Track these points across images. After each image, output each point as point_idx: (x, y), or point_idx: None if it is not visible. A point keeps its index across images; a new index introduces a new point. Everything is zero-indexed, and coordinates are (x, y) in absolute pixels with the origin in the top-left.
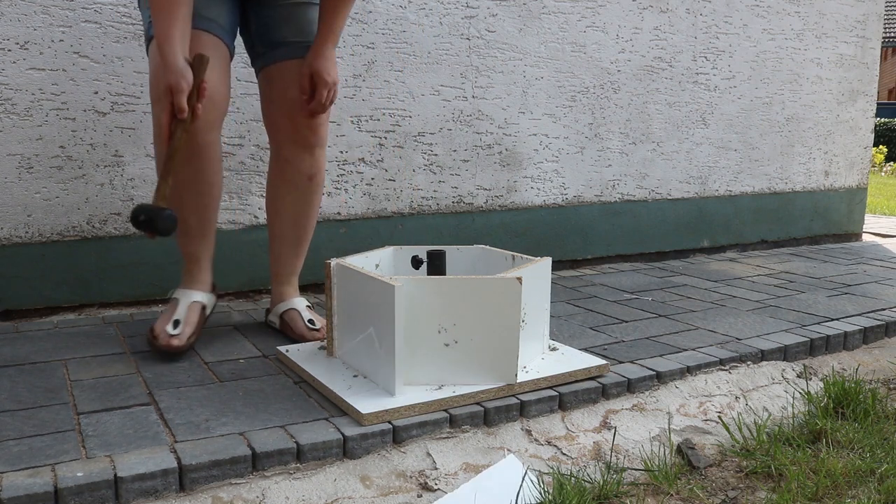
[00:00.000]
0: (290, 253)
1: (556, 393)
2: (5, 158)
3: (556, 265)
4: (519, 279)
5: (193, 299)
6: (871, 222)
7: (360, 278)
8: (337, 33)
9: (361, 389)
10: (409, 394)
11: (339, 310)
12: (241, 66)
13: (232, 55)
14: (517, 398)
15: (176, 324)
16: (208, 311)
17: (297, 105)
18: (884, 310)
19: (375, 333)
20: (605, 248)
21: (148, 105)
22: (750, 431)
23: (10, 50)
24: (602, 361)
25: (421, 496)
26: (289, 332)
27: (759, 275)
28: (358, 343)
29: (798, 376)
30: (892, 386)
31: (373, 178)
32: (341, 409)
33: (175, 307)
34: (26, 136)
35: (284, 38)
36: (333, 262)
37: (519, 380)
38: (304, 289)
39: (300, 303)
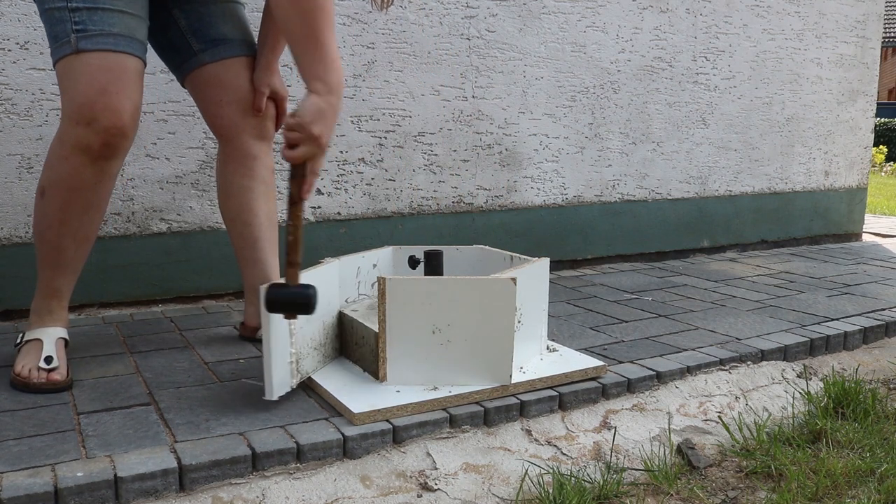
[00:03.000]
0: (274, 254)
1: (556, 393)
2: (5, 158)
3: (556, 265)
4: (513, 280)
5: (59, 335)
6: (871, 222)
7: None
8: (282, 47)
9: (356, 389)
10: (403, 394)
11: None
12: None
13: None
14: (517, 398)
15: (48, 360)
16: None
17: (249, 98)
18: (884, 310)
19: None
20: (605, 248)
21: (148, 104)
22: (750, 431)
23: (10, 50)
24: (599, 363)
25: (421, 496)
26: None
27: (759, 275)
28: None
29: (798, 376)
30: (892, 386)
31: (373, 178)
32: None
33: (39, 346)
34: (26, 136)
35: (226, 35)
36: (328, 261)
37: (515, 380)
38: None
39: None
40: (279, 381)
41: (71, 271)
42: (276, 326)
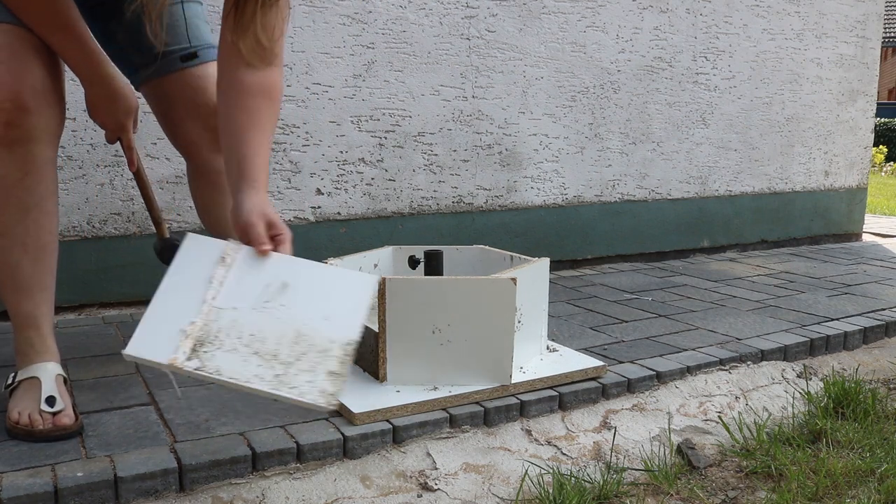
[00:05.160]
0: None
1: (556, 393)
2: None
3: (556, 265)
4: (513, 280)
5: (56, 372)
6: (871, 222)
7: None
8: (266, 160)
9: (356, 389)
10: (403, 394)
11: None
12: None
13: None
14: (517, 398)
15: (51, 401)
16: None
17: (212, 112)
18: (884, 310)
19: None
20: (605, 248)
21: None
22: (750, 431)
23: None
24: (599, 363)
25: (421, 496)
26: None
27: (759, 275)
28: None
29: (798, 376)
30: (892, 386)
31: (373, 178)
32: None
33: (36, 386)
34: None
35: (168, 46)
36: (330, 261)
37: (515, 380)
38: None
39: None
40: (150, 338)
41: (38, 291)
42: (180, 280)
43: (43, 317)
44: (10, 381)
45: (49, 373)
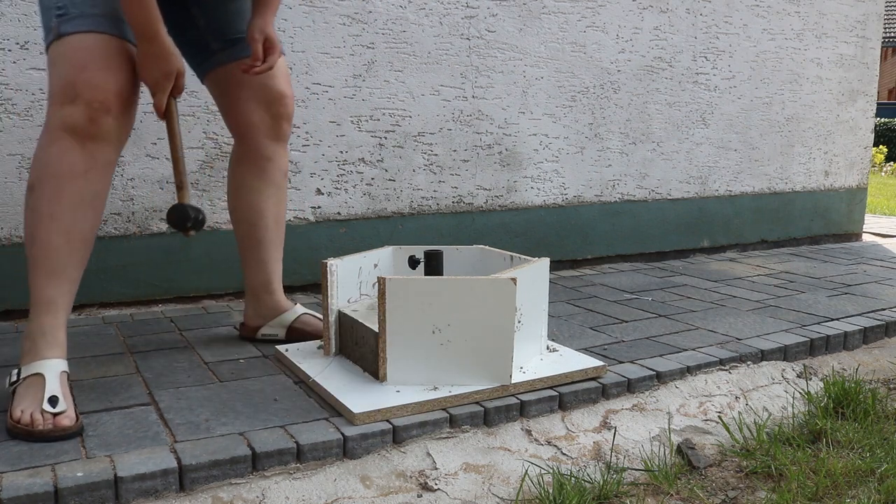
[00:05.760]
0: (276, 258)
1: (556, 393)
2: (5, 158)
3: (556, 265)
4: (513, 280)
5: (61, 369)
6: (871, 222)
7: None
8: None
9: (356, 389)
10: (403, 394)
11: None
12: None
13: None
14: (517, 398)
15: (53, 401)
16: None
17: (276, 97)
18: (884, 310)
19: None
20: (605, 248)
21: (148, 105)
22: (750, 431)
23: (10, 50)
24: (599, 363)
25: (421, 496)
26: (305, 335)
27: (759, 275)
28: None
29: (798, 376)
30: (892, 386)
31: (373, 178)
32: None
33: (40, 384)
34: (26, 136)
35: (244, 34)
36: (330, 261)
37: (515, 380)
38: (302, 289)
39: (302, 307)
40: None
41: (66, 280)
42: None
43: (63, 305)
44: (14, 378)
45: (54, 370)
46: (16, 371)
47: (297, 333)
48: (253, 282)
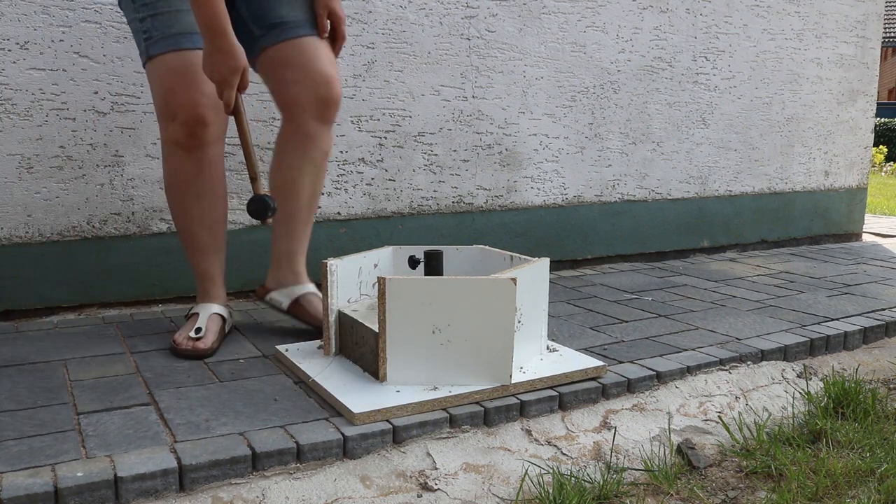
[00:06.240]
0: (304, 232)
1: (556, 393)
2: (5, 158)
3: (556, 265)
4: (513, 280)
5: (213, 311)
6: (871, 222)
7: None
8: None
9: (356, 389)
10: (403, 394)
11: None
12: None
13: None
14: (517, 398)
15: (198, 331)
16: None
17: (322, 80)
18: (884, 310)
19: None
20: (605, 248)
21: (148, 104)
22: (750, 431)
23: (10, 50)
24: (599, 363)
25: (421, 496)
26: (303, 315)
27: (759, 275)
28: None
29: (798, 376)
30: (892, 386)
31: (373, 178)
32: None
33: (195, 319)
34: (26, 136)
35: (283, 18)
36: (330, 261)
37: (514, 380)
38: None
39: (314, 289)
40: None
41: (212, 252)
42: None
43: (215, 272)
44: (187, 312)
45: (206, 311)
46: (190, 307)
47: (297, 310)
48: (278, 249)
